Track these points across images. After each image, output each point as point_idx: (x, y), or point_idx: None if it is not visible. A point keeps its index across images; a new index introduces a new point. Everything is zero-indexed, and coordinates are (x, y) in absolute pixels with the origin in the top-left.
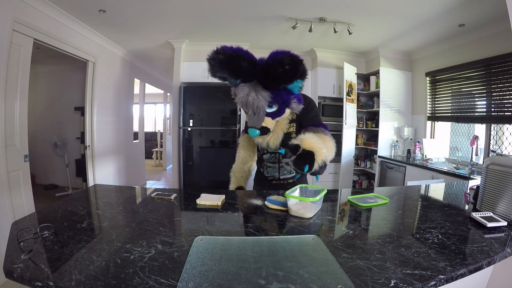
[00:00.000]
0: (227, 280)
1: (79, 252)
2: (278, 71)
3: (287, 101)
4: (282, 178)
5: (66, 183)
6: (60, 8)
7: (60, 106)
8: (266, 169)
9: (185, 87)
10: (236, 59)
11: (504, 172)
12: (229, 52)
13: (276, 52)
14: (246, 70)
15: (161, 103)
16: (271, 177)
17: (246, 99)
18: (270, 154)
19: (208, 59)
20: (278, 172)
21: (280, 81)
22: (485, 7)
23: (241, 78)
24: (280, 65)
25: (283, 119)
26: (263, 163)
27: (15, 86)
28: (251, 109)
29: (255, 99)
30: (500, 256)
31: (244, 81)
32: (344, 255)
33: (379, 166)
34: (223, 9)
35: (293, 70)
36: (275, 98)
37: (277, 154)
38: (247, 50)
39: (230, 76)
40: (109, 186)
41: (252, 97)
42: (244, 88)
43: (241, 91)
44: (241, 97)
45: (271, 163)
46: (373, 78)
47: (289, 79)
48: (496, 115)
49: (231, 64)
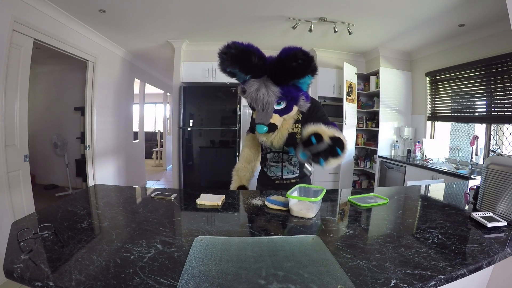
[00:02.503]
0: (227, 280)
1: (79, 252)
2: (292, 65)
3: (296, 97)
4: (285, 178)
5: (66, 183)
6: (60, 8)
7: (60, 106)
8: (269, 169)
9: (185, 87)
10: (248, 54)
11: (504, 172)
12: (241, 47)
13: (288, 47)
14: (257, 65)
15: (161, 103)
16: (274, 177)
17: (256, 94)
18: (274, 153)
19: (219, 53)
20: (281, 171)
21: (292, 75)
22: (485, 7)
23: (251, 74)
24: (294, 59)
25: (289, 118)
26: (267, 162)
27: (15, 86)
28: (260, 105)
29: (265, 94)
30: (500, 256)
31: (254, 76)
32: (344, 255)
33: (379, 166)
34: (223, 9)
35: (305, 64)
36: (284, 94)
37: (281, 154)
38: (257, 47)
39: (240, 71)
40: (109, 186)
41: (262, 92)
42: (254, 83)
43: (251, 86)
44: (251, 92)
45: (274, 162)
46: (373, 78)
47: (301, 73)
48: (496, 115)
49: (242, 59)
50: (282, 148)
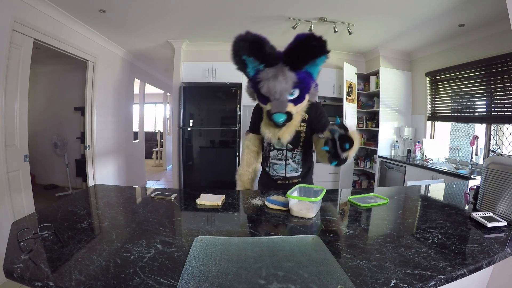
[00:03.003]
0: (227, 280)
1: (79, 252)
2: (311, 43)
3: (308, 84)
4: (288, 177)
5: (66, 183)
6: (60, 8)
7: (60, 106)
8: (271, 167)
9: (185, 87)
10: (262, 42)
11: (504, 172)
12: (256, 35)
13: (301, 34)
14: (271, 53)
15: (161, 103)
16: (277, 177)
17: (274, 80)
18: (277, 151)
19: (236, 41)
20: (284, 169)
21: (310, 55)
22: (485, 7)
23: (265, 62)
24: (312, 38)
25: (299, 112)
26: (269, 161)
27: (15, 86)
28: (279, 92)
29: (282, 80)
30: (500, 256)
31: (268, 65)
32: (344, 255)
33: (379, 166)
34: (223, 9)
35: (322, 43)
36: (299, 79)
37: (284, 151)
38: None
39: (256, 59)
40: (109, 186)
41: (280, 78)
42: (269, 71)
43: (267, 73)
44: (268, 78)
45: (277, 160)
46: (373, 78)
47: (319, 52)
48: (496, 115)
49: (258, 46)
50: (286, 145)
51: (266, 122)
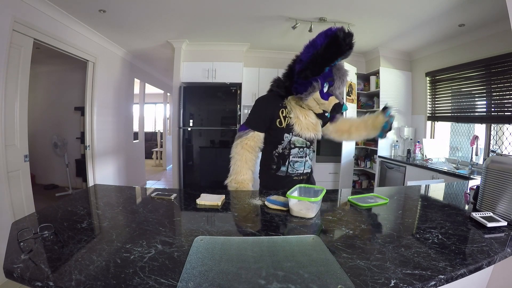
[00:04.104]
0: (227, 280)
1: (79, 252)
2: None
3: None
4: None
5: (66, 183)
6: (60, 8)
7: (60, 106)
8: (292, 166)
9: (185, 87)
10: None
11: (504, 172)
12: (351, 45)
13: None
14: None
15: (161, 103)
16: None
17: (345, 75)
18: (299, 149)
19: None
20: (303, 166)
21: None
22: (485, 7)
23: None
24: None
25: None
26: (289, 159)
27: (15, 86)
28: (342, 92)
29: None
30: (500, 256)
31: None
32: (344, 255)
33: (379, 166)
34: (223, 9)
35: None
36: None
37: (305, 148)
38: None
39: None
40: (109, 186)
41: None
42: (342, 65)
43: (340, 70)
44: (342, 73)
45: (299, 158)
46: (373, 78)
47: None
48: (496, 115)
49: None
50: (305, 143)
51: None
